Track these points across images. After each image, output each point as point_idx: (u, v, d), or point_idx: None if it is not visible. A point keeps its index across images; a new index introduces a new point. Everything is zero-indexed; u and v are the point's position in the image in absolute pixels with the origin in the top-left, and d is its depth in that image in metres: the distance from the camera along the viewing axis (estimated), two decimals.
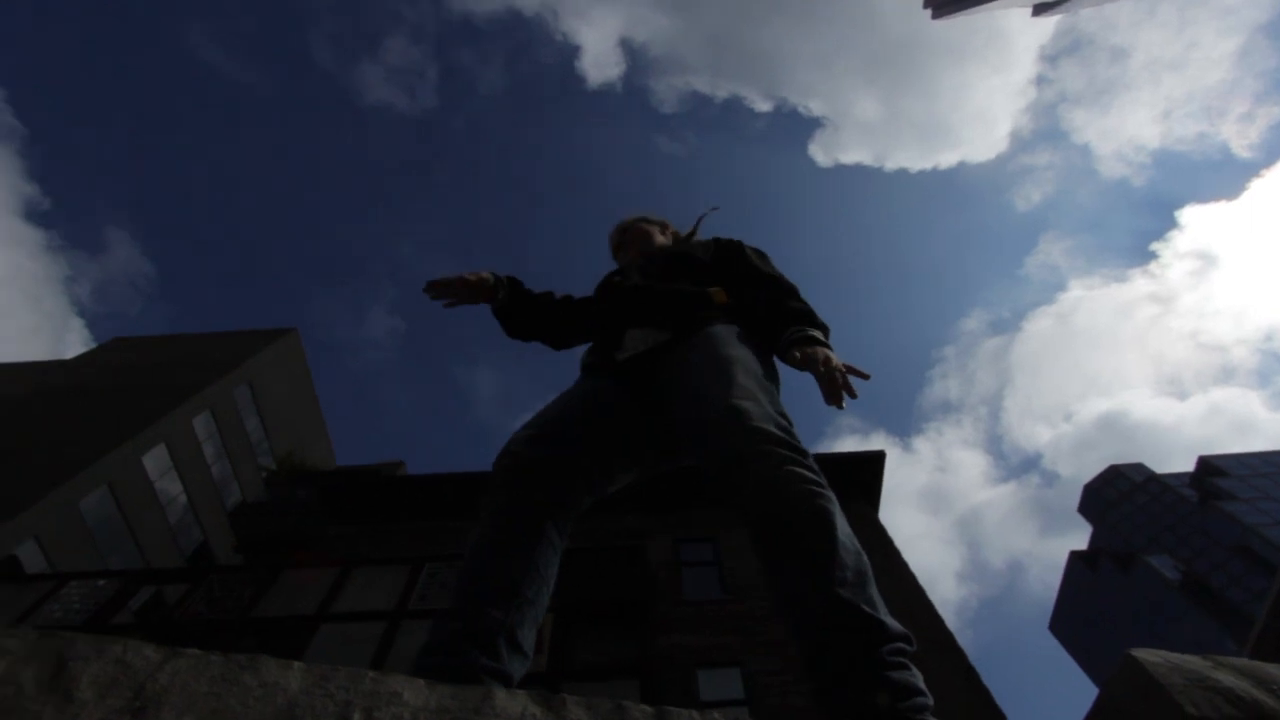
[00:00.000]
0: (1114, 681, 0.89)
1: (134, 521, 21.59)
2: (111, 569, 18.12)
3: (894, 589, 9.72)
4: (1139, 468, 56.15)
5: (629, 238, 1.94)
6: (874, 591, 0.99)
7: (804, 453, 1.15)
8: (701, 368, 1.32)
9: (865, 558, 1.05)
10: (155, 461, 22.68)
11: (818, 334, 1.41)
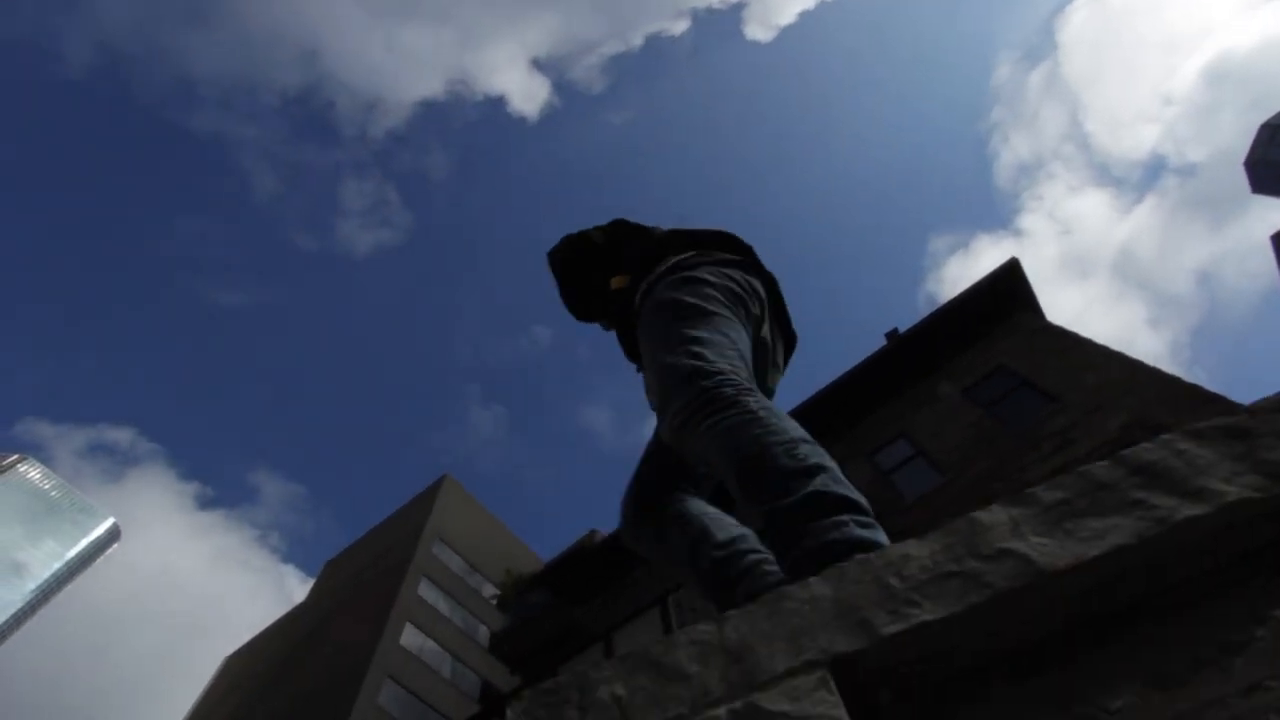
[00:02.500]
0: None
1: (425, 696, 23.95)
2: None
3: (1105, 379, 8.92)
4: None
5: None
6: (781, 470, 0.86)
7: (698, 399, 1.02)
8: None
9: (762, 440, 0.91)
10: (411, 638, 25.11)
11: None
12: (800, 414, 12.11)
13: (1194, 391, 8.14)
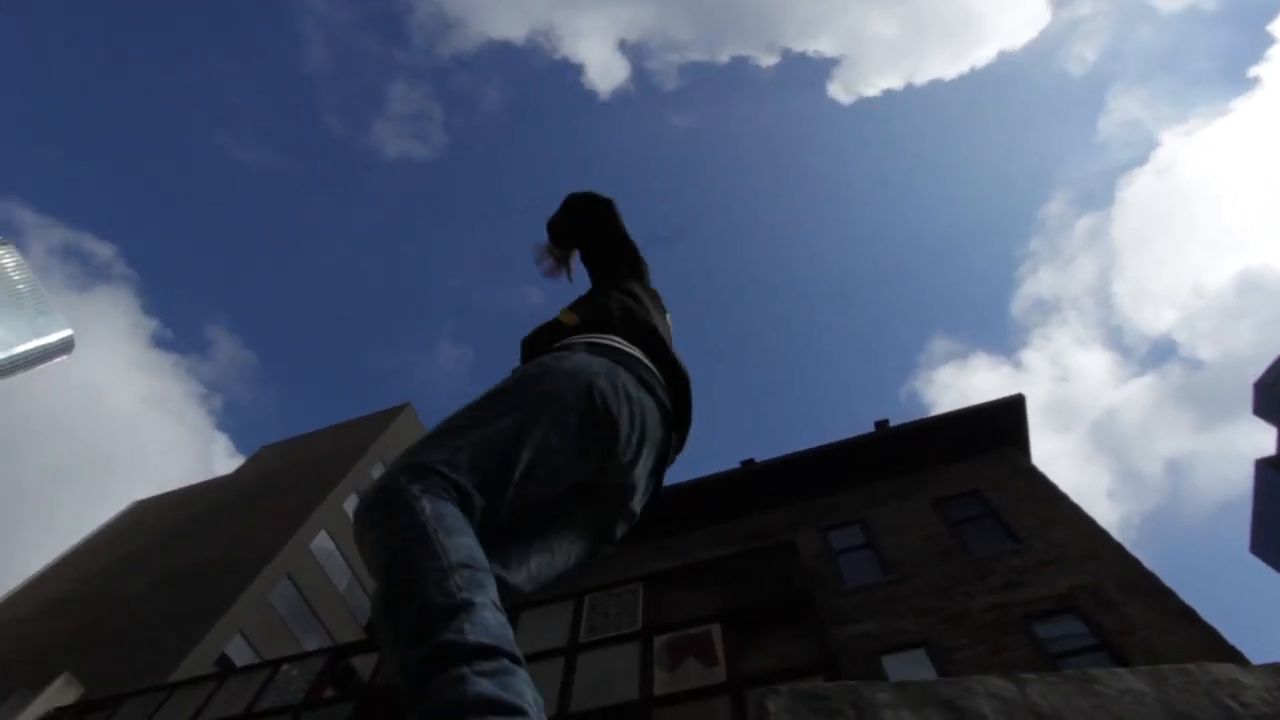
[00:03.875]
0: None
1: (316, 604, 23.73)
2: (308, 650, 19.94)
3: (1071, 537, 9.05)
4: None
5: None
6: (419, 615, 0.77)
7: (378, 496, 0.91)
8: None
9: (410, 572, 0.81)
10: (322, 545, 24.90)
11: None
12: (774, 469, 12.17)
13: (1149, 579, 8.27)
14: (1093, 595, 8.10)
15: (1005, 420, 11.31)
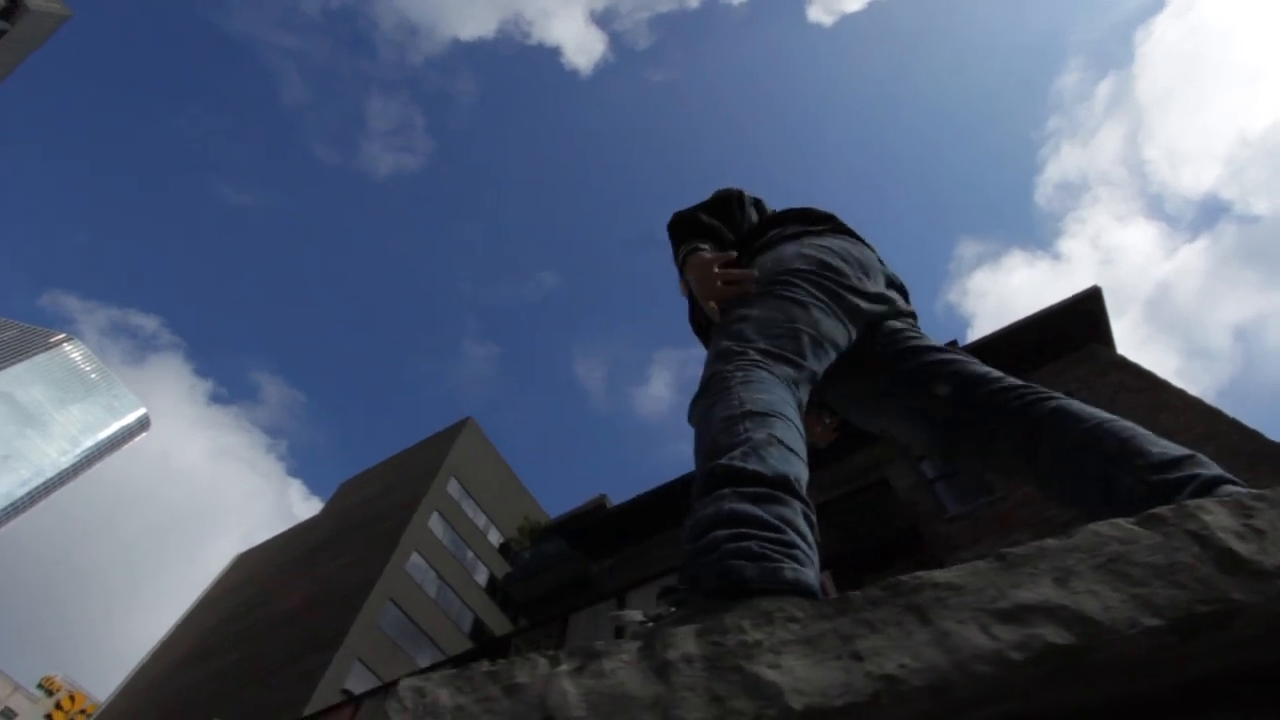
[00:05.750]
0: None
1: (421, 622, 24.67)
2: (424, 667, 20.75)
3: (1182, 421, 8.57)
4: None
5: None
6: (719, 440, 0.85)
7: (701, 387, 1.02)
8: None
9: (716, 415, 0.91)
10: (416, 567, 25.81)
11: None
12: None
13: (1275, 449, 7.79)
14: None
15: (1086, 315, 10.76)
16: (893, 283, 1.36)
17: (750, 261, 1.30)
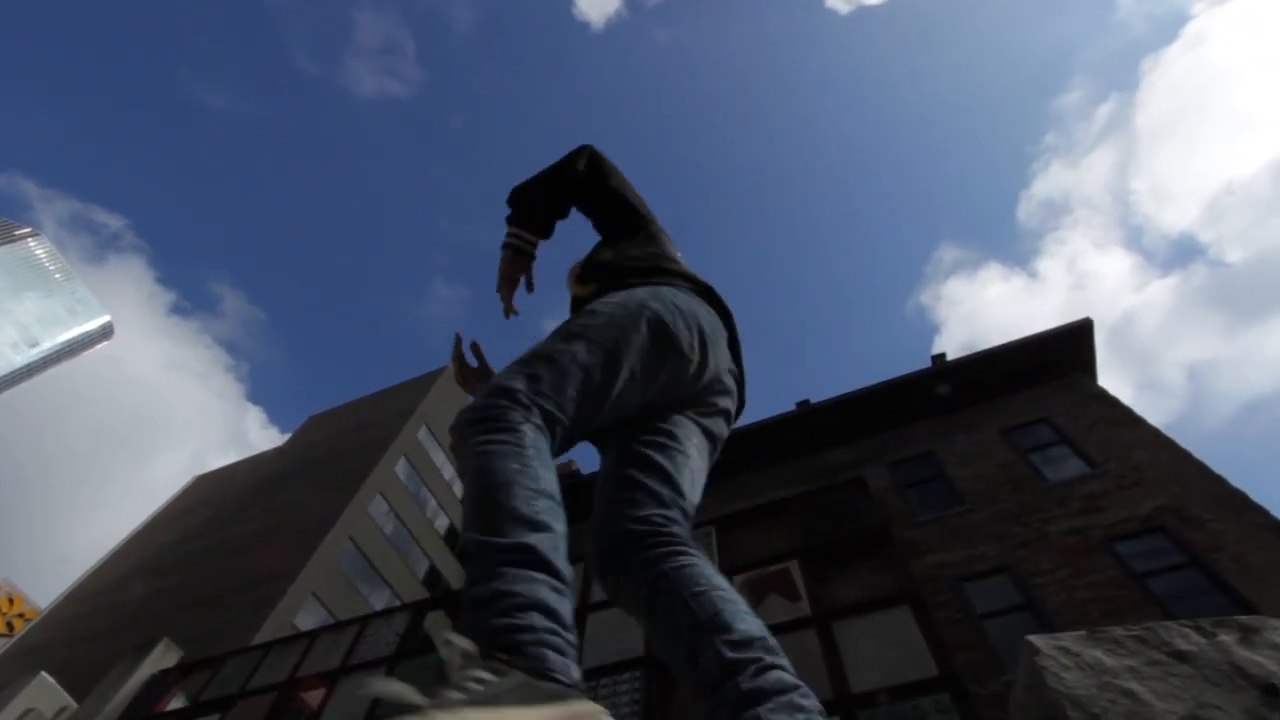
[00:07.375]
0: None
1: (376, 562, 24.73)
2: (375, 608, 20.89)
3: (1151, 459, 8.88)
4: None
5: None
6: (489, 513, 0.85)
7: (482, 413, 0.99)
8: None
9: (486, 479, 0.90)
10: (378, 509, 25.77)
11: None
12: (833, 409, 12.11)
13: (1237, 496, 8.12)
14: (1177, 515, 7.99)
15: (1073, 347, 11.01)
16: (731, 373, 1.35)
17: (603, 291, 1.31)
